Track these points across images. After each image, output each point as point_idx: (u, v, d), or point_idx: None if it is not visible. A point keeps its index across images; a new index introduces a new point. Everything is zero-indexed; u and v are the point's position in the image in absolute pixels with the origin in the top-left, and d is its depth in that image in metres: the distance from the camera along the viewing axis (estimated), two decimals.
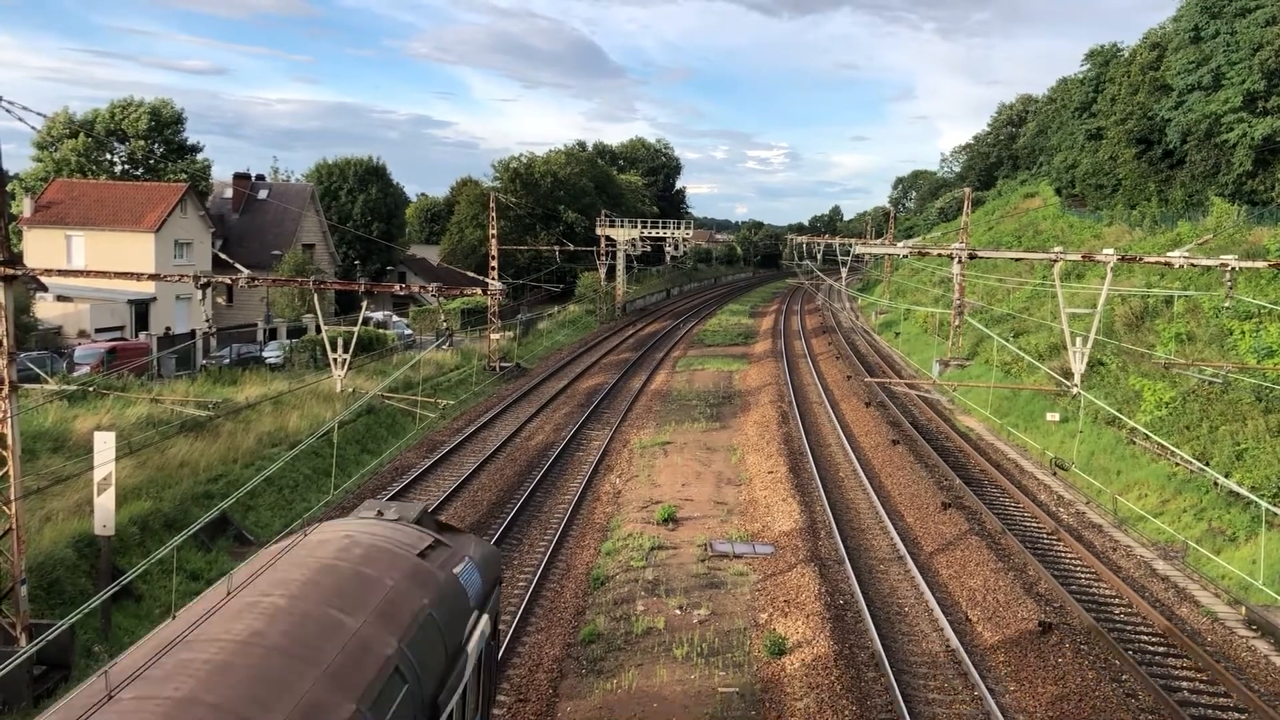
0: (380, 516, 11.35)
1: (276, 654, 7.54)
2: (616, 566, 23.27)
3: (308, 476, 28.58)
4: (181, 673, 7.18)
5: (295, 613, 8.21)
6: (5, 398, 16.01)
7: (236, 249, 65.18)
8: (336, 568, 9.27)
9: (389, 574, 9.48)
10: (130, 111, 69.80)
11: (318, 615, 8.28)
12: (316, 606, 8.41)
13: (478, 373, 49.50)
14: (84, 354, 39.24)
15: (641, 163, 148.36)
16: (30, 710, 15.15)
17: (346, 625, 8.24)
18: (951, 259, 40.65)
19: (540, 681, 17.53)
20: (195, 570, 21.50)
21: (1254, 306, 33.27)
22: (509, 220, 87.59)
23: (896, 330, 74.08)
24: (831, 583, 22.34)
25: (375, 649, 8.15)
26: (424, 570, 9.99)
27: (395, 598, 9.09)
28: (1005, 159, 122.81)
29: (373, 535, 10.35)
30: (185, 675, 7.15)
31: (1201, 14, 54.09)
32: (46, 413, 26.07)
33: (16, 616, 16.21)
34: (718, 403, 45.74)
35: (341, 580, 9.03)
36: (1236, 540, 24.09)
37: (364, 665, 7.90)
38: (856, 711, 16.40)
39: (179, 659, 7.22)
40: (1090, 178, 71.31)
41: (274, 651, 7.56)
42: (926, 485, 30.66)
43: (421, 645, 8.86)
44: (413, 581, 9.61)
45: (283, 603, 8.32)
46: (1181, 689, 17.71)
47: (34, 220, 57.56)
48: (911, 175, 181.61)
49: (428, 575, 9.95)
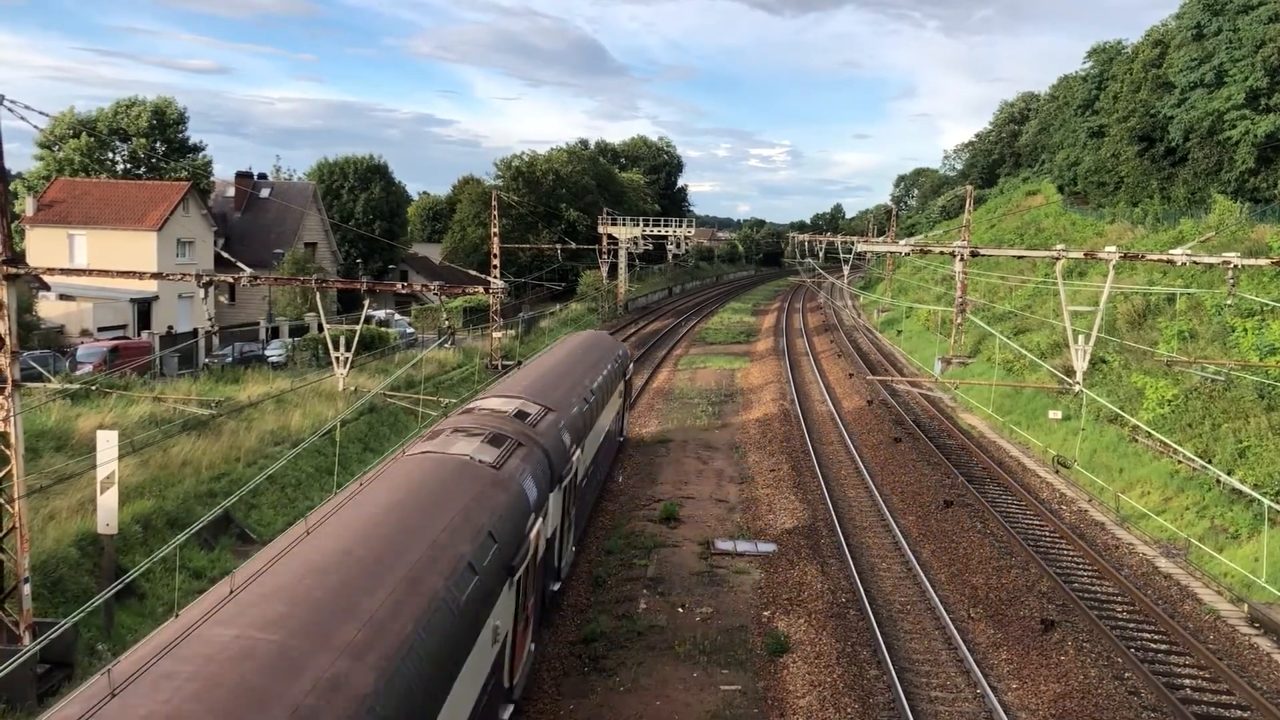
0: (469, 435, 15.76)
1: (416, 513, 11.58)
2: (618, 564, 23.29)
3: (310, 475, 28.59)
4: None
5: (422, 495, 12.47)
6: (8, 396, 16.04)
7: (238, 248, 65.22)
8: (442, 470, 13.76)
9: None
10: (132, 110, 69.86)
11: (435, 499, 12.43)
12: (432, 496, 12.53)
13: (480, 371, 49.52)
14: (86, 353, 39.29)
15: (643, 161, 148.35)
16: (34, 709, 15.18)
17: (454, 507, 12.29)
18: (953, 257, 40.64)
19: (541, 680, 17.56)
20: (198, 569, 21.53)
21: (1256, 304, 33.24)
22: (511, 219, 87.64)
23: (898, 328, 74.04)
24: (834, 580, 22.35)
25: (475, 519, 12.27)
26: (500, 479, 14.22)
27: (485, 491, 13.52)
28: (1007, 157, 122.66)
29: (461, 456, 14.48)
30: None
31: (1204, 11, 54.06)
32: (49, 411, 26.10)
33: (20, 615, 16.24)
34: (720, 401, 45.74)
35: (450, 477, 13.53)
36: (1239, 538, 24.07)
37: (468, 531, 11.83)
38: (859, 709, 16.41)
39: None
40: (1092, 175, 71.25)
41: (413, 510, 11.65)
42: (928, 483, 30.67)
43: (502, 525, 12.93)
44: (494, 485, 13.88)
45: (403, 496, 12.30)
46: (1184, 687, 17.70)
47: (36, 219, 57.64)
48: (913, 173, 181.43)
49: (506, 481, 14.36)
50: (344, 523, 10.94)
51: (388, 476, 13.00)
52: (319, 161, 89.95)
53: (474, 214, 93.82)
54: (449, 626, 9.83)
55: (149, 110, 70.07)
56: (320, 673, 7.76)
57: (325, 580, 9.29)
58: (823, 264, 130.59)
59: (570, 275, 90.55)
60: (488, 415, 17.40)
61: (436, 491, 12.57)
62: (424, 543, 10.78)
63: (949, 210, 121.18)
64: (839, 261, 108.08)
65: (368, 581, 9.49)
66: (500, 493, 13.65)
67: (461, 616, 10.25)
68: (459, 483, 13.14)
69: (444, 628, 9.68)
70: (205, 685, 7.18)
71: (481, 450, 14.83)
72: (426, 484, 12.75)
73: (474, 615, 10.74)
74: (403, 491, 12.28)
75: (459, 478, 13.39)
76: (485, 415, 17.40)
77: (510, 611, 12.96)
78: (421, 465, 13.66)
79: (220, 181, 76.98)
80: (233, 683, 7.29)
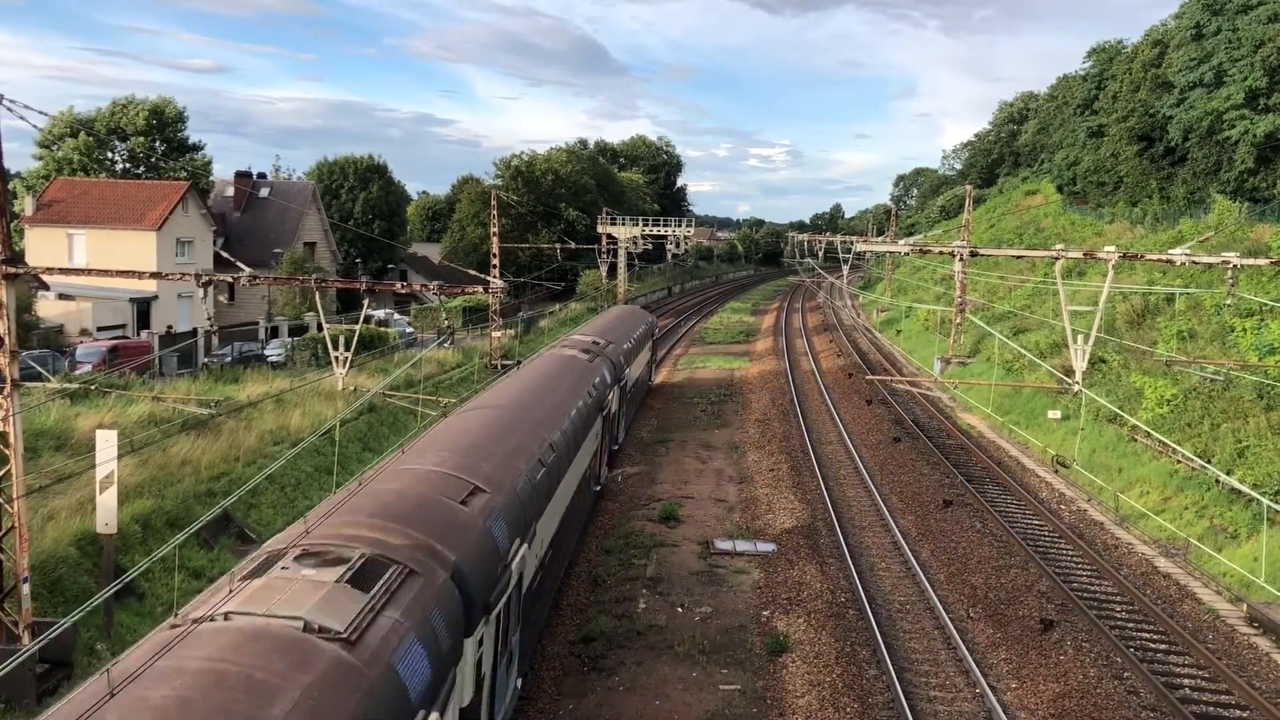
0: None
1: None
2: (617, 564, 23.29)
3: (309, 474, 28.58)
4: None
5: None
6: (7, 396, 16.03)
7: (238, 247, 65.19)
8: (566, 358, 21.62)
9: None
10: (130, 109, 69.83)
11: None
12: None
13: (479, 371, 49.49)
14: (86, 352, 39.29)
15: (643, 160, 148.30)
16: (33, 708, 15.17)
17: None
18: (953, 257, 40.65)
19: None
20: (197, 568, 21.52)
21: (1255, 304, 33.25)
22: (510, 218, 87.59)
23: (898, 328, 74.05)
24: (833, 580, 22.36)
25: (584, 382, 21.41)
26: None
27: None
28: (1007, 156, 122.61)
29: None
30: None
31: (1203, 11, 54.04)
32: (48, 411, 26.08)
33: (19, 615, 16.24)
34: (719, 400, 45.75)
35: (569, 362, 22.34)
36: (1238, 538, 24.09)
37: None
38: (858, 709, 16.42)
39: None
40: (1092, 175, 71.23)
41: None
42: (928, 483, 30.67)
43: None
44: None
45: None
46: (1183, 686, 17.71)
47: (36, 219, 57.61)
48: (913, 173, 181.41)
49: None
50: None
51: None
52: (318, 161, 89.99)
53: (473, 213, 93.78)
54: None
55: (146, 109, 70.04)
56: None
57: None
58: (822, 264, 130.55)
59: (570, 275, 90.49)
60: (586, 341, 29.98)
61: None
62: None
63: (948, 210, 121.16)
64: (838, 261, 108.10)
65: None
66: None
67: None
68: (635, 318, 29.03)
69: None
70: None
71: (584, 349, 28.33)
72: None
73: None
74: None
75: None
76: (583, 340, 30.34)
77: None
78: (559, 357, 25.17)
79: (220, 181, 76.97)
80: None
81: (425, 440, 15.60)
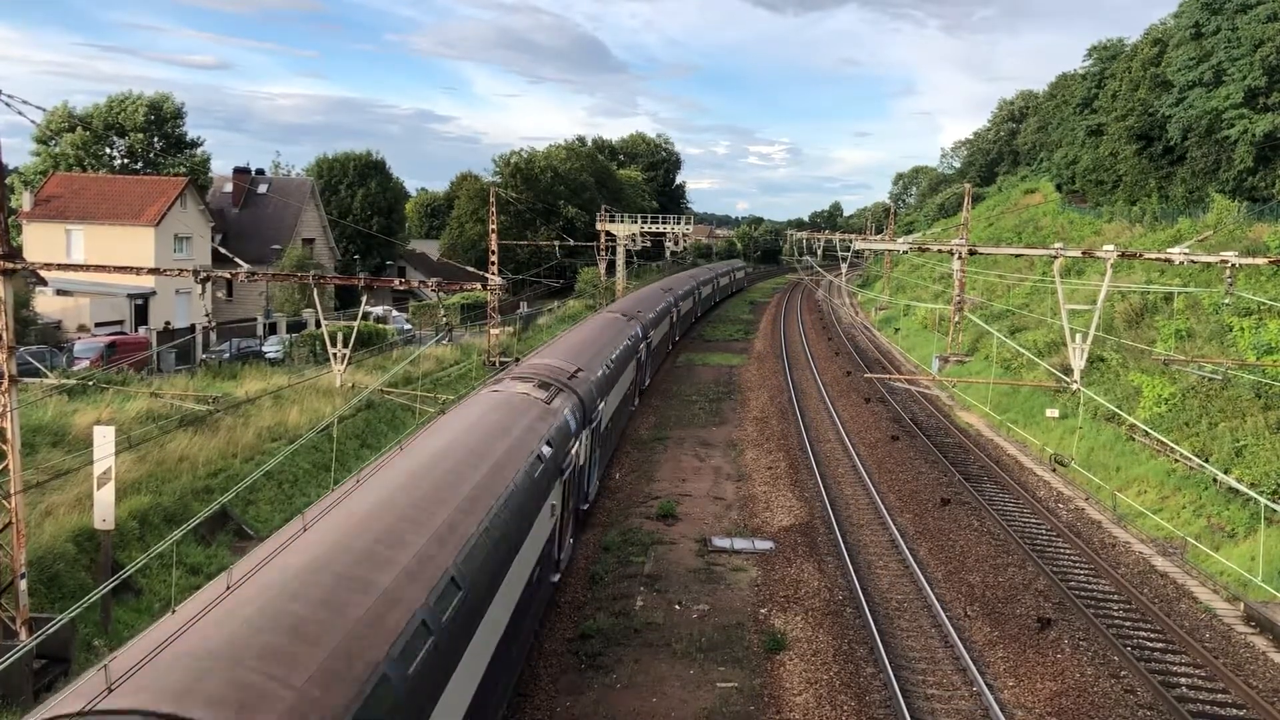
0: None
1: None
2: (614, 561, 23.29)
3: (307, 471, 28.56)
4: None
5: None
6: (5, 391, 16.01)
7: (236, 244, 65.15)
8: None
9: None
10: (127, 105, 69.70)
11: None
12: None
13: (477, 368, 49.48)
14: (83, 348, 39.20)
15: (642, 158, 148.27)
16: (30, 704, 15.16)
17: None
18: (952, 255, 40.64)
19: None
20: (195, 564, 21.51)
21: (1254, 303, 33.27)
22: (509, 215, 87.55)
23: (896, 326, 74.09)
24: (831, 578, 22.37)
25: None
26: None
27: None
28: (1006, 155, 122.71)
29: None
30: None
31: (1202, 10, 54.03)
32: (46, 407, 26.06)
33: (17, 610, 16.23)
34: (717, 398, 45.75)
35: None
36: (1235, 536, 24.12)
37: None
38: (855, 707, 16.43)
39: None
40: (1091, 174, 71.27)
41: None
42: (926, 481, 30.69)
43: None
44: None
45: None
46: (1180, 685, 17.73)
47: (33, 214, 57.52)
48: (912, 171, 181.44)
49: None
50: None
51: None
52: (317, 157, 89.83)
53: (472, 210, 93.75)
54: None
55: (144, 105, 69.91)
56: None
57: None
58: (821, 262, 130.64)
59: (568, 272, 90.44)
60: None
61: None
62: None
63: (947, 208, 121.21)
64: (837, 259, 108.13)
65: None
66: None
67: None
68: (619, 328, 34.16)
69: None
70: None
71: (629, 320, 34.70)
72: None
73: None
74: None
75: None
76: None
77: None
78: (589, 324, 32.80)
79: (219, 177, 76.87)
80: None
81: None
